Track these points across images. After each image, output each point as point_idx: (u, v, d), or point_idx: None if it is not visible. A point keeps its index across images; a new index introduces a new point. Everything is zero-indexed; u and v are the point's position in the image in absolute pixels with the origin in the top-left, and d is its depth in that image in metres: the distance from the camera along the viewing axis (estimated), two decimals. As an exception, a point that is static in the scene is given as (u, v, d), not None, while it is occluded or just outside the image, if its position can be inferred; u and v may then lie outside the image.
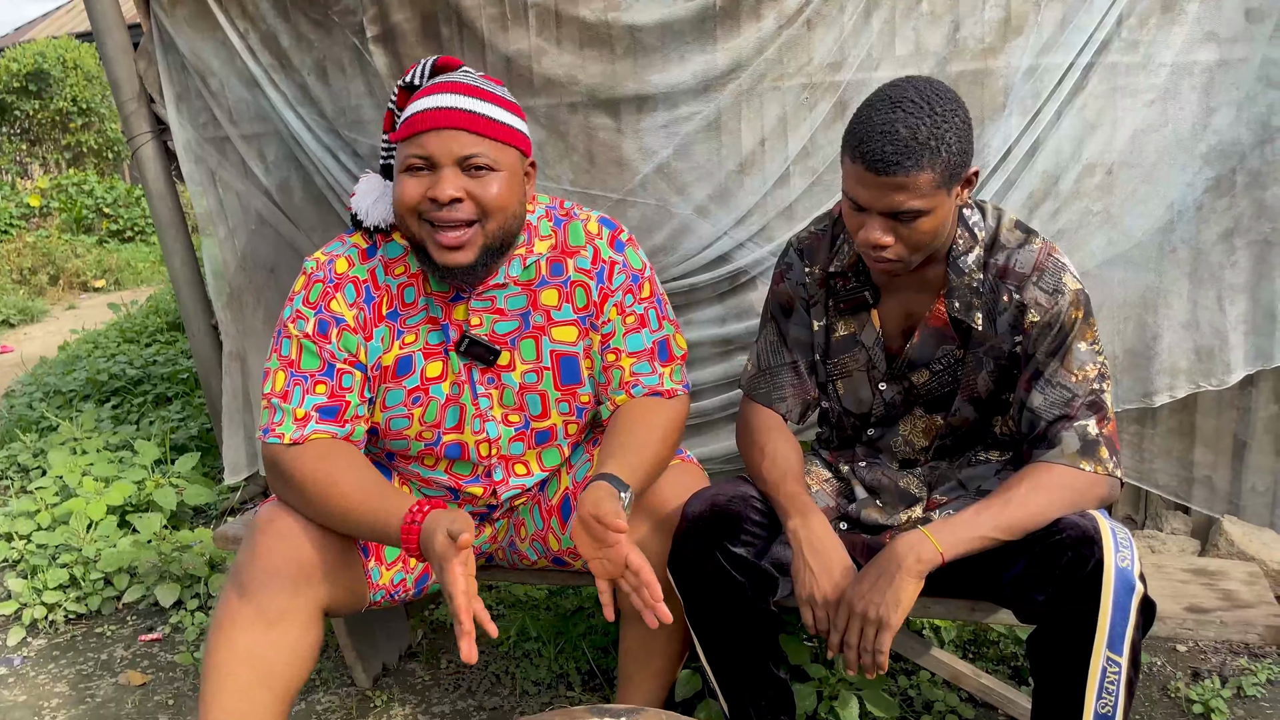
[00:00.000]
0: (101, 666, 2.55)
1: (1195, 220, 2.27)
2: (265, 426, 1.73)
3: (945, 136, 1.48)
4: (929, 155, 1.47)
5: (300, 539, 1.67)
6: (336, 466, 1.67)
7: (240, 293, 3.15)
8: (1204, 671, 2.21)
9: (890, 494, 1.79)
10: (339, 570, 1.72)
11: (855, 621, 1.53)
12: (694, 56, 2.45)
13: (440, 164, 1.62)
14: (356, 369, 1.75)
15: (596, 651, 2.34)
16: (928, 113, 1.48)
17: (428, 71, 1.72)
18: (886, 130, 1.48)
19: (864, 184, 1.51)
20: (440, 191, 1.61)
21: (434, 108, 1.63)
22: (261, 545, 1.67)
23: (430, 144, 1.61)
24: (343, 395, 1.73)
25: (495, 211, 1.65)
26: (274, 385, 1.74)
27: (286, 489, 1.70)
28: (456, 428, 1.81)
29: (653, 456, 1.69)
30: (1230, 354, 2.28)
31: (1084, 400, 1.57)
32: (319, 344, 1.73)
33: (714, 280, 2.59)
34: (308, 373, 1.73)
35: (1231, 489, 2.42)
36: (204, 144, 3.04)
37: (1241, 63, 2.19)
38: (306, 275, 1.78)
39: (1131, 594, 1.41)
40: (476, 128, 1.62)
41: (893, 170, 1.47)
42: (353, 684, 2.37)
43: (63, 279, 8.52)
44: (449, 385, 1.80)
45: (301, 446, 1.69)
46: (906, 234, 1.53)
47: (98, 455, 3.49)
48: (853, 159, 1.52)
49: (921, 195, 1.49)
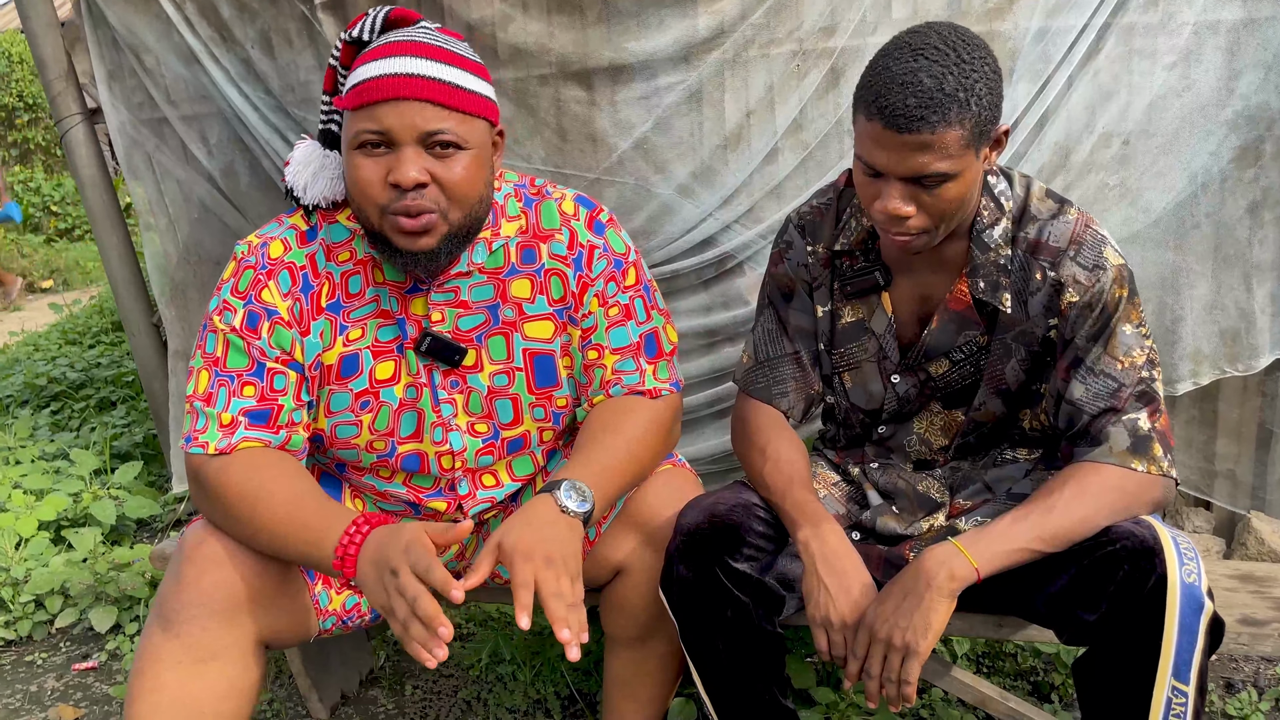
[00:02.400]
0: (30, 699, 2.32)
1: (1220, 193, 2.10)
2: (188, 434, 1.51)
3: (975, 87, 1.29)
4: (957, 109, 1.28)
5: (231, 564, 1.45)
6: (267, 478, 1.45)
7: (184, 287, 2.91)
8: (1237, 682, 2.04)
9: (908, 499, 1.60)
10: (278, 598, 1.51)
11: (878, 648, 1.34)
12: (673, 22, 2.25)
13: (400, 141, 1.39)
14: (291, 368, 1.53)
15: (577, 674, 2.14)
16: (954, 60, 1.29)
17: (379, 25, 1.47)
18: (908, 81, 1.28)
19: (882, 145, 1.31)
20: (402, 175, 1.38)
21: (391, 74, 1.39)
22: (188, 573, 1.45)
23: (387, 117, 1.38)
24: (274, 398, 1.51)
25: (461, 197, 1.43)
26: (198, 386, 1.52)
27: (211, 505, 1.48)
28: (414, 436, 1.59)
29: (626, 458, 1.49)
30: (1258, 337, 2.12)
31: (1132, 390, 1.39)
32: (247, 339, 1.51)
33: (698, 266, 2.39)
34: (234, 372, 1.51)
35: (1256, 482, 2.25)
36: (140, 126, 2.79)
37: (1270, 21, 2.03)
38: (237, 260, 1.55)
39: (1200, 613, 1.23)
40: (441, 98, 1.39)
41: (917, 127, 1.27)
42: (308, 715, 2.15)
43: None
44: (403, 389, 1.57)
45: (228, 457, 1.47)
46: (930, 202, 1.34)
47: (31, 466, 3.24)
48: (868, 116, 1.32)
49: (949, 155, 1.29)
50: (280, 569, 1.51)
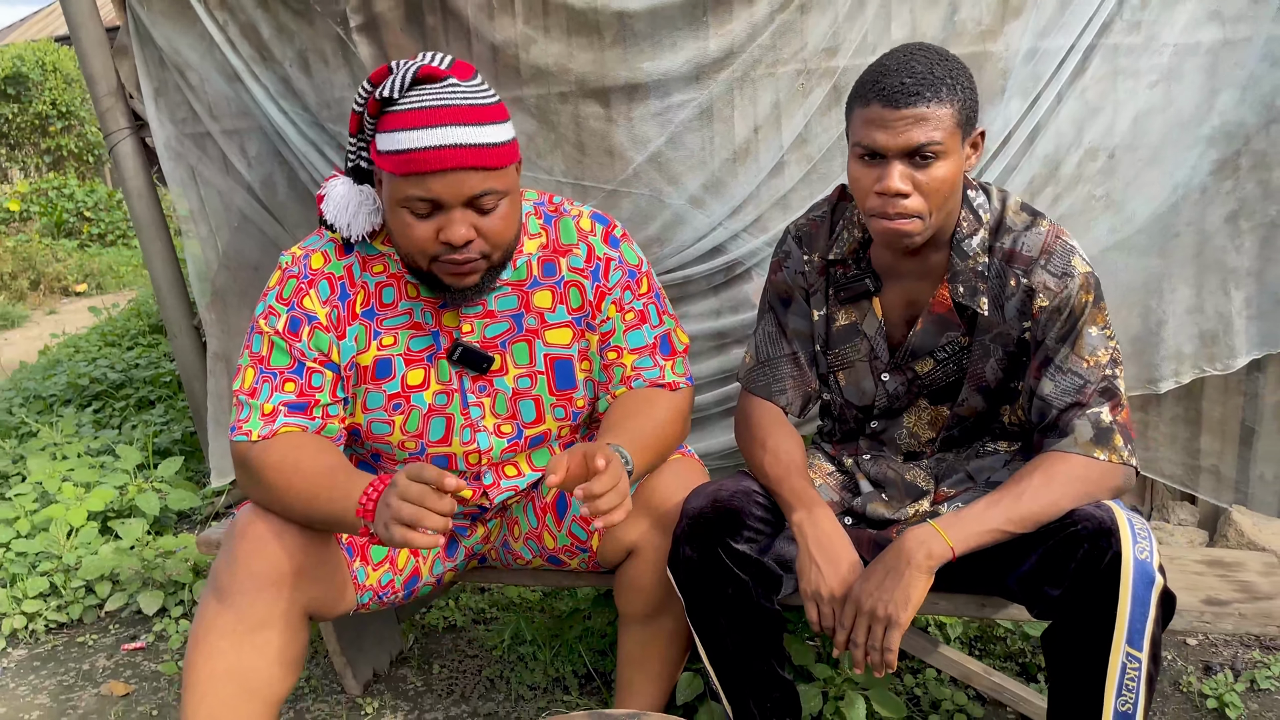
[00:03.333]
0: (83, 677, 2.48)
1: (1200, 204, 2.23)
2: (233, 424, 1.67)
3: (959, 78, 1.48)
4: (947, 89, 1.46)
5: (279, 542, 1.61)
6: (302, 455, 1.61)
7: (224, 293, 3.08)
8: (1215, 665, 2.16)
9: (896, 487, 1.74)
10: (321, 572, 1.66)
11: (863, 619, 1.47)
12: (686, 43, 2.39)
13: (448, 205, 1.53)
14: (327, 368, 1.69)
15: (593, 654, 2.28)
16: (940, 59, 1.49)
17: (408, 83, 1.53)
18: (903, 67, 1.47)
19: (881, 124, 1.47)
20: (454, 235, 1.53)
21: (437, 146, 1.49)
22: (240, 550, 1.60)
23: (436, 185, 1.50)
24: (312, 394, 1.67)
25: (501, 242, 1.59)
26: (244, 382, 1.68)
27: (254, 485, 1.64)
28: (443, 440, 1.74)
29: (654, 437, 1.63)
30: (1235, 339, 2.24)
31: (1096, 387, 1.52)
32: (289, 341, 1.67)
33: (708, 272, 2.54)
34: (277, 369, 1.67)
35: (1239, 477, 2.37)
36: (184, 140, 2.97)
37: (1246, 42, 2.15)
38: (281, 270, 1.71)
39: (1151, 587, 1.36)
40: (483, 162, 1.51)
41: (913, 101, 1.44)
42: (343, 691, 2.31)
43: (43, 284, 8.40)
44: (432, 395, 1.72)
45: (269, 440, 1.63)
46: (924, 182, 1.48)
47: (78, 460, 3.40)
48: (866, 101, 1.48)
49: (941, 128, 1.45)
50: (322, 547, 1.66)
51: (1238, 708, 1.98)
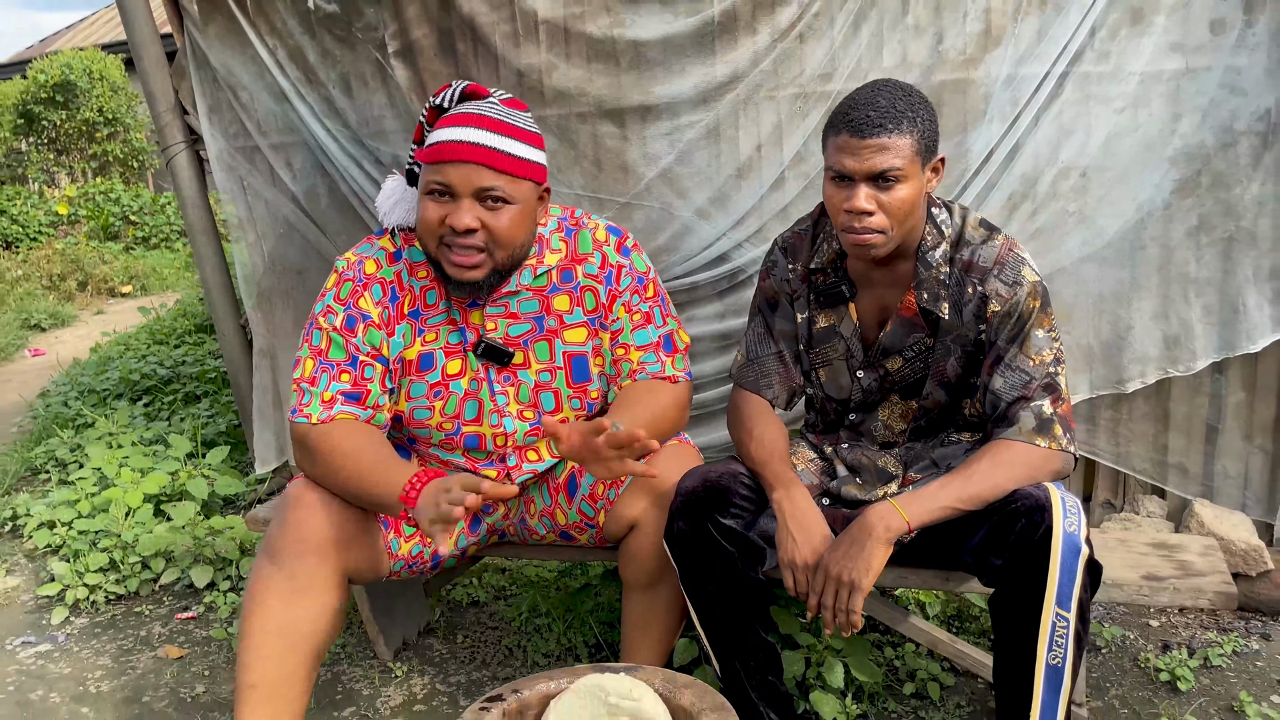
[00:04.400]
0: (141, 642, 2.73)
1: (1164, 219, 2.41)
2: (294, 408, 1.90)
3: (920, 112, 1.67)
4: (907, 122, 1.66)
5: (326, 512, 1.84)
6: (356, 444, 1.84)
7: (269, 294, 3.33)
8: (1173, 644, 2.34)
9: (869, 472, 1.94)
10: (361, 540, 1.89)
11: (831, 584, 1.68)
12: (694, 69, 2.61)
13: (459, 194, 1.78)
14: (378, 362, 1.92)
15: (602, 626, 2.50)
16: (903, 95, 1.69)
17: (457, 97, 1.86)
18: (869, 101, 1.67)
19: (848, 151, 1.68)
20: (458, 220, 1.77)
21: (458, 140, 1.78)
22: (291, 518, 1.84)
23: (451, 175, 1.77)
24: (364, 384, 1.91)
25: (505, 243, 1.82)
26: (304, 371, 1.91)
27: (311, 463, 1.87)
28: (475, 420, 1.98)
29: (652, 421, 1.84)
30: (1196, 343, 2.42)
31: (1040, 382, 1.72)
32: (346, 338, 1.91)
33: (713, 279, 2.75)
34: (334, 362, 1.90)
35: (1204, 473, 2.55)
36: (235, 153, 3.22)
37: (1206, 71, 2.34)
38: (338, 274, 1.95)
39: (1078, 556, 1.56)
40: (495, 164, 1.77)
41: (875, 132, 1.64)
42: (375, 657, 2.54)
43: (91, 285, 8.73)
44: (467, 381, 1.96)
45: (329, 425, 1.86)
46: (887, 202, 1.69)
47: (133, 449, 3.67)
48: (837, 132, 1.69)
49: (902, 156, 1.66)
50: (362, 518, 1.89)
51: (1189, 680, 2.17)
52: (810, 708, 2.09)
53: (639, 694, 1.64)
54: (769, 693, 1.90)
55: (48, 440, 4.18)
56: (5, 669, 2.62)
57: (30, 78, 11.90)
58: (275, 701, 1.81)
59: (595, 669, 1.71)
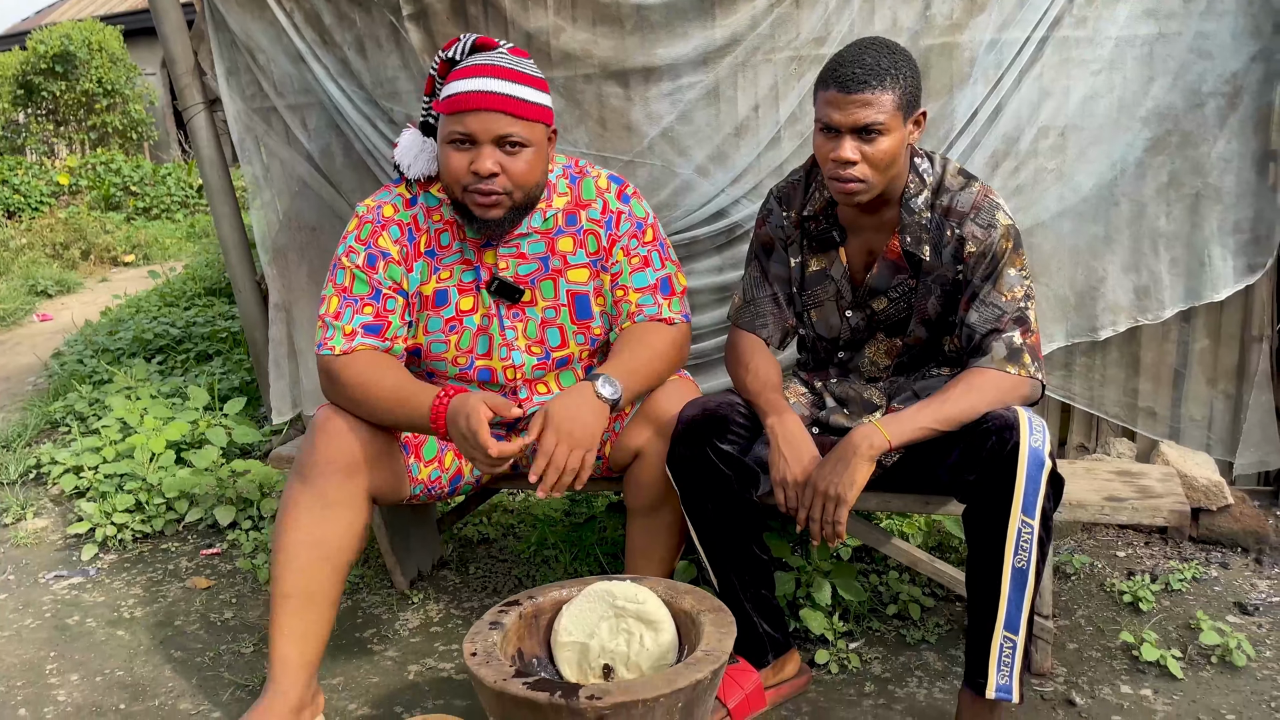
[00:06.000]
0: (169, 574, 2.89)
1: (1136, 177, 2.57)
2: (319, 342, 2.05)
3: (902, 70, 1.82)
4: (889, 79, 1.80)
5: (351, 435, 2.00)
6: (377, 372, 2.00)
7: (285, 250, 3.47)
8: (1138, 571, 2.52)
9: (856, 404, 2.11)
10: (384, 463, 2.05)
11: (818, 499, 1.84)
12: (695, 32, 2.75)
13: (480, 141, 1.93)
14: (399, 295, 2.08)
15: (607, 557, 2.66)
16: (887, 52, 1.83)
17: (468, 49, 2.01)
18: (855, 59, 1.82)
19: (835, 105, 1.83)
20: (480, 166, 1.93)
21: (477, 90, 1.92)
22: (320, 441, 1.99)
23: (472, 123, 1.92)
24: (386, 316, 2.06)
25: (522, 183, 1.97)
26: (328, 308, 2.06)
27: (338, 392, 2.03)
28: (486, 355, 2.13)
29: (647, 364, 2.01)
30: (1164, 293, 2.59)
31: (1011, 316, 1.88)
32: (368, 274, 2.06)
33: (713, 234, 2.90)
34: (358, 296, 2.05)
35: (1171, 415, 2.72)
36: (251, 114, 3.35)
37: (1177, 36, 2.49)
38: (359, 217, 2.10)
39: (1042, 469, 1.72)
40: (512, 109, 1.93)
41: (860, 88, 1.79)
42: (392, 587, 2.70)
43: (94, 254, 8.82)
44: (480, 317, 2.11)
45: (350, 356, 2.02)
46: (870, 152, 1.84)
47: (151, 401, 3.82)
48: (825, 87, 1.84)
49: (884, 112, 1.80)
50: (385, 441, 2.05)
51: (1149, 602, 2.34)
52: (800, 624, 2.26)
53: (643, 597, 1.82)
54: (763, 605, 2.07)
55: (66, 395, 4.32)
56: (40, 599, 2.78)
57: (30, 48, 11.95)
58: (307, 609, 1.98)
59: (604, 579, 1.88)
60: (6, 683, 2.34)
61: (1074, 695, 2.04)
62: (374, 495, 2.07)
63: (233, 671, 2.34)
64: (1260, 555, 2.55)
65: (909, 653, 2.25)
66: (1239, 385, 2.65)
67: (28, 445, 4.00)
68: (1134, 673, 2.12)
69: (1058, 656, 2.17)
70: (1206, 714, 1.97)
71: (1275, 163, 2.49)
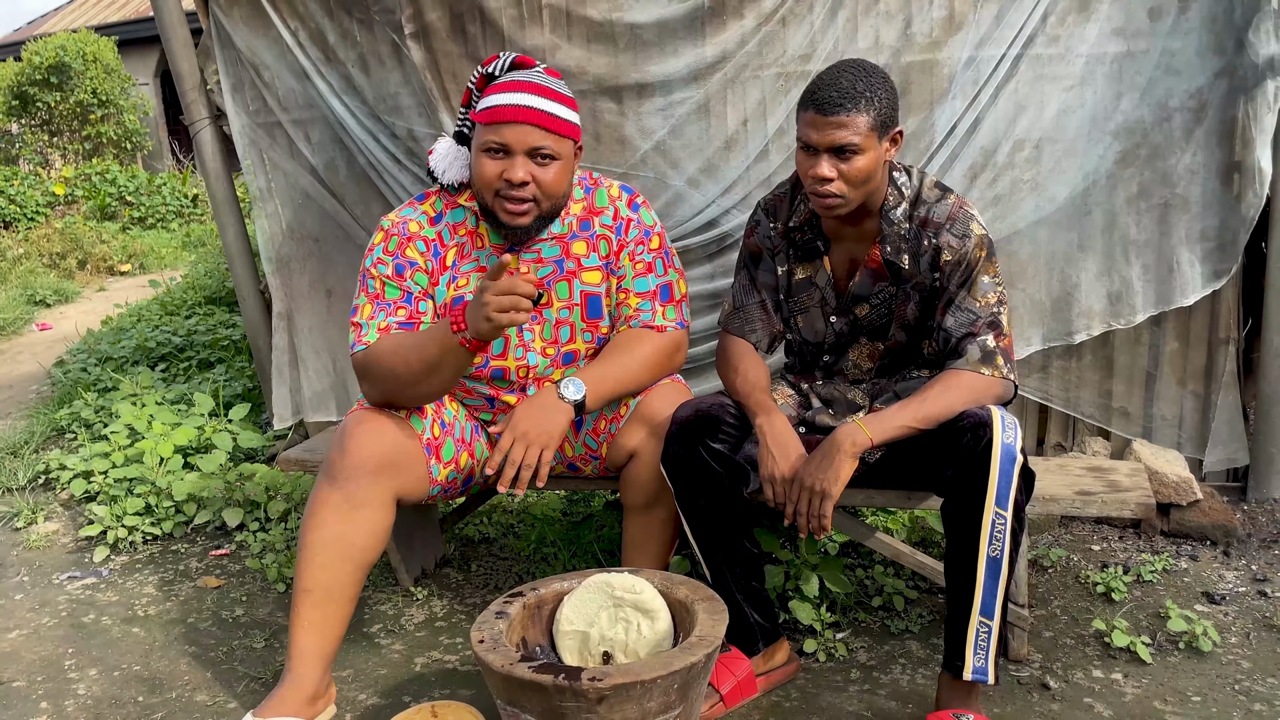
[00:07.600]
0: (180, 574, 2.99)
1: (1107, 187, 2.70)
2: (353, 343, 2.16)
3: (877, 92, 1.92)
4: (864, 102, 1.91)
5: (380, 438, 2.10)
6: (395, 341, 2.10)
7: (287, 260, 3.57)
8: (1111, 564, 2.63)
9: (840, 404, 2.22)
10: (410, 465, 2.16)
11: (805, 494, 1.95)
12: (686, 50, 2.87)
13: (514, 151, 2.07)
14: (429, 298, 2.21)
15: (605, 554, 2.77)
16: (863, 75, 1.93)
17: (507, 66, 2.14)
18: (832, 83, 1.93)
19: (813, 126, 1.94)
20: (513, 174, 2.07)
21: (514, 104, 2.06)
22: (349, 443, 2.09)
23: (508, 135, 2.06)
24: (419, 318, 2.18)
25: (550, 193, 2.12)
26: (361, 314, 2.17)
27: (372, 384, 2.12)
28: (501, 355, 2.25)
29: (622, 369, 2.14)
30: (1135, 299, 2.71)
31: (985, 320, 2.00)
32: (398, 281, 2.18)
33: (704, 243, 3.02)
34: (391, 301, 2.18)
35: (1143, 415, 2.84)
36: (256, 129, 3.46)
37: (1144, 54, 2.61)
38: (384, 231, 2.22)
39: (1014, 463, 1.83)
40: (545, 124, 2.07)
41: (835, 110, 1.90)
42: (396, 585, 2.80)
43: (90, 263, 8.90)
44: None
45: (378, 341, 2.12)
46: (846, 170, 1.95)
47: (157, 408, 3.91)
48: (804, 108, 1.95)
49: (859, 133, 1.91)
50: (410, 445, 2.15)
51: (1121, 592, 2.46)
52: (789, 615, 2.37)
53: (640, 588, 1.92)
54: (754, 596, 2.17)
55: (72, 402, 4.41)
56: (55, 598, 2.88)
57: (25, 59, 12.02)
58: (327, 605, 2.08)
59: (603, 571, 1.99)
60: (27, 678, 2.44)
61: (1049, 679, 2.15)
62: (399, 496, 2.16)
63: (246, 665, 2.44)
64: (1228, 548, 2.67)
65: (893, 641, 2.36)
66: (1207, 386, 2.78)
67: (35, 451, 4.10)
68: (1105, 658, 2.23)
69: (1034, 644, 2.28)
70: (1173, 696, 2.08)
71: (1239, 174, 2.62)
